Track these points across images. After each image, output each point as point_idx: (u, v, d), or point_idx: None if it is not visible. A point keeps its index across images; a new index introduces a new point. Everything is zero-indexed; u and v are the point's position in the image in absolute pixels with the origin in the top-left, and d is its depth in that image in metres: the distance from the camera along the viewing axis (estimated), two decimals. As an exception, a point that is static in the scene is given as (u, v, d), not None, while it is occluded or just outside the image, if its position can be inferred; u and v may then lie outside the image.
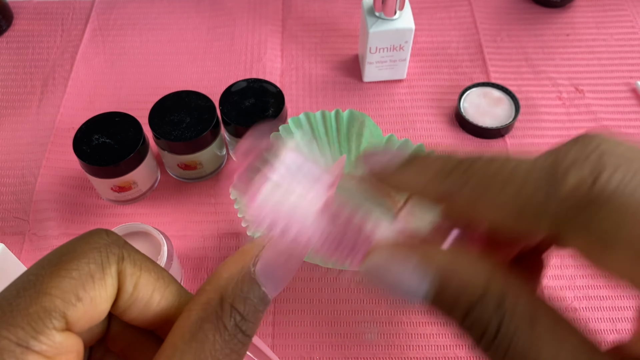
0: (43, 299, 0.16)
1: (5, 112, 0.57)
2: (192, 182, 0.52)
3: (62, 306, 0.16)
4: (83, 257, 0.17)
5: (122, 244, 0.19)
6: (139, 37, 0.63)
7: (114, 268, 0.18)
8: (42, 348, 0.16)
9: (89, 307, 0.17)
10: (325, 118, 0.48)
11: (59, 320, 0.16)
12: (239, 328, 0.17)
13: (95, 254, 0.18)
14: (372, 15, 0.54)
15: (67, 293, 0.17)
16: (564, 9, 0.65)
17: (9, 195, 0.51)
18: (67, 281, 0.17)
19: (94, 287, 0.17)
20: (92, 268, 0.17)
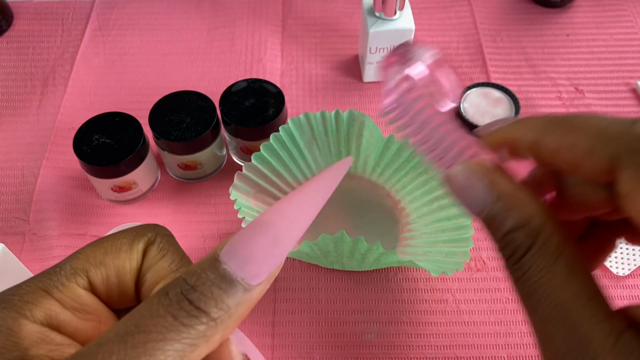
0: (73, 260, 0.19)
1: (5, 112, 0.57)
2: (192, 182, 0.52)
3: (86, 267, 0.19)
4: (120, 234, 0.20)
5: (162, 232, 0.20)
6: (139, 37, 0.64)
7: (141, 246, 0.20)
8: (60, 296, 0.18)
9: (111, 273, 0.19)
10: (325, 118, 0.48)
11: (82, 278, 0.19)
12: (184, 295, 0.16)
13: (131, 233, 0.20)
14: (372, 15, 0.54)
15: (93, 258, 0.19)
16: (564, 9, 0.65)
17: (9, 195, 0.51)
18: (97, 249, 0.19)
19: (119, 257, 0.19)
20: (122, 242, 0.20)
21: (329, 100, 0.58)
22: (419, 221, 0.46)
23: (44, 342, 0.17)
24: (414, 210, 0.47)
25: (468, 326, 0.44)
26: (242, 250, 0.17)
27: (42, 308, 0.18)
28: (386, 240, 0.47)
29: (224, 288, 0.17)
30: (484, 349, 0.43)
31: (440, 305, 0.45)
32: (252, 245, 0.17)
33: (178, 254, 0.20)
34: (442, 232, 0.44)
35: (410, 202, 0.48)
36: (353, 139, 0.49)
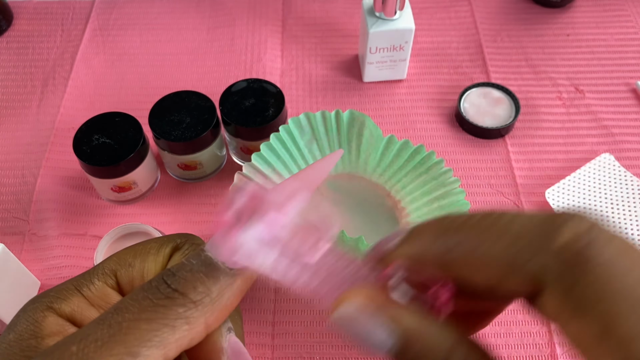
0: (107, 261, 0.21)
1: (5, 112, 0.57)
2: (192, 182, 0.52)
3: (115, 268, 0.20)
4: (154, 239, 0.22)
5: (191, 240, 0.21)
6: (139, 37, 0.63)
7: (168, 250, 0.21)
8: (89, 294, 0.20)
9: (137, 274, 0.20)
10: (325, 118, 0.48)
11: (111, 278, 0.20)
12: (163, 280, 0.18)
13: (161, 238, 0.22)
14: (372, 15, 0.54)
15: (124, 259, 0.21)
16: (564, 9, 0.65)
17: (9, 195, 0.51)
18: (129, 252, 0.21)
19: (146, 259, 0.21)
20: (152, 245, 0.21)
21: (329, 100, 0.58)
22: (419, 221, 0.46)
23: (61, 334, 0.18)
24: (414, 210, 0.47)
25: (468, 326, 0.44)
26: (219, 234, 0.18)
27: (70, 303, 0.19)
28: (386, 240, 0.47)
29: (204, 271, 0.18)
30: (484, 349, 0.43)
31: (440, 305, 0.45)
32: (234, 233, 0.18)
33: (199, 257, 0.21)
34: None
35: (410, 202, 0.48)
36: (353, 139, 0.49)
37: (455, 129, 0.56)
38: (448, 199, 0.45)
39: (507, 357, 0.43)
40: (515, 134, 0.55)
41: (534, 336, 0.43)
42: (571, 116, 0.56)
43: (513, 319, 0.44)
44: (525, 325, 0.44)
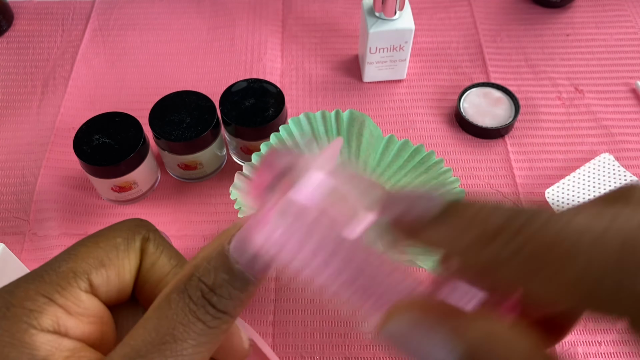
0: (72, 262, 0.19)
1: (5, 112, 0.57)
2: (192, 182, 0.52)
3: (87, 269, 0.19)
4: (113, 232, 0.20)
5: (151, 229, 0.20)
6: (139, 37, 0.64)
7: (138, 244, 0.20)
8: (64, 302, 0.18)
9: (112, 274, 0.19)
10: (325, 118, 0.48)
11: (83, 281, 0.18)
12: (206, 299, 0.17)
13: (124, 231, 0.20)
14: (372, 15, 0.54)
15: (93, 259, 0.19)
16: (564, 9, 0.65)
17: (9, 195, 0.51)
18: (95, 250, 0.19)
19: (117, 256, 0.19)
20: (119, 241, 0.20)
21: (329, 100, 0.58)
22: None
23: (59, 350, 0.17)
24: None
25: (468, 326, 0.44)
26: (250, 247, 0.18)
27: (49, 316, 0.17)
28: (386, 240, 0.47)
29: (239, 287, 0.18)
30: (484, 348, 0.43)
31: (440, 305, 0.45)
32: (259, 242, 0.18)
33: (171, 249, 0.21)
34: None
35: (410, 202, 0.48)
36: (353, 139, 0.49)
37: (455, 128, 0.56)
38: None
39: (507, 357, 0.43)
40: (515, 134, 0.55)
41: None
42: (571, 116, 0.56)
43: (513, 318, 0.44)
44: (525, 325, 0.44)
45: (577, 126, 0.56)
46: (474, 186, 0.52)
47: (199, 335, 0.17)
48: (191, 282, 0.17)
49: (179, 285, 0.17)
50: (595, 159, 0.52)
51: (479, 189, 0.52)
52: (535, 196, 0.51)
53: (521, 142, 0.55)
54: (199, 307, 0.17)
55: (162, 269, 0.20)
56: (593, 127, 0.55)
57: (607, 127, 0.55)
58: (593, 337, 0.43)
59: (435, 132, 0.56)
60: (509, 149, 0.54)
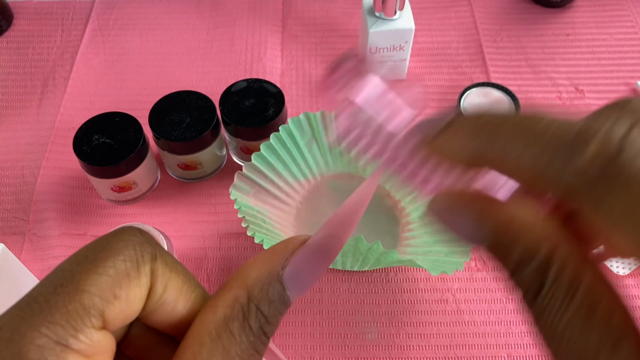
0: (82, 297, 0.16)
1: (5, 112, 0.57)
2: (192, 182, 0.52)
3: (100, 304, 0.16)
4: (119, 255, 0.17)
5: (155, 244, 0.18)
6: (139, 37, 0.63)
7: (148, 267, 0.18)
8: (81, 347, 0.16)
9: (124, 305, 0.17)
10: (325, 118, 0.48)
11: (97, 319, 0.16)
12: (262, 330, 0.17)
13: (131, 251, 0.17)
14: (372, 15, 0.54)
15: (104, 291, 0.16)
16: (564, 9, 0.65)
17: (9, 195, 0.51)
18: (105, 279, 0.16)
19: (129, 285, 0.17)
20: (128, 266, 0.17)
21: (329, 100, 0.58)
22: (419, 221, 0.46)
23: None
24: (414, 210, 0.47)
25: (468, 326, 0.44)
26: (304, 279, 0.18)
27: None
28: (386, 239, 0.47)
29: (283, 313, 0.18)
30: (484, 349, 0.43)
31: (440, 305, 0.45)
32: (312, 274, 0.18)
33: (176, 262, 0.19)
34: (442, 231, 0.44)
35: (410, 202, 0.48)
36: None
37: (455, 129, 0.56)
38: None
39: (507, 357, 0.43)
40: (515, 134, 0.55)
41: (534, 336, 0.43)
42: (571, 116, 0.56)
43: (513, 319, 0.44)
44: (525, 325, 0.44)
45: (577, 126, 0.56)
46: (474, 186, 0.52)
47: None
48: (250, 311, 0.17)
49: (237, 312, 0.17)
50: (595, 159, 0.52)
51: (479, 189, 0.52)
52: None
53: (521, 142, 0.54)
54: (256, 338, 0.17)
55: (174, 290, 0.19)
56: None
57: (607, 127, 0.55)
58: None
59: (435, 132, 0.55)
60: (509, 149, 0.54)
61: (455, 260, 0.41)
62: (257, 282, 0.17)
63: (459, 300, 0.45)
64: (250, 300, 0.17)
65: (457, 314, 0.45)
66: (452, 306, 0.45)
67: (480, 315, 0.44)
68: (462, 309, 0.45)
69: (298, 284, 0.18)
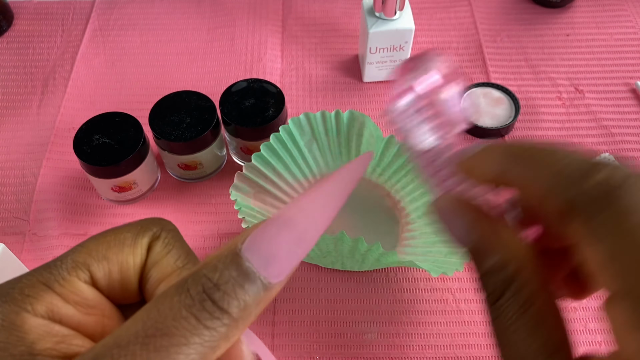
0: (75, 253, 0.19)
1: (5, 112, 0.57)
2: (192, 182, 0.52)
3: (88, 261, 0.18)
4: (124, 228, 0.20)
5: (168, 229, 0.20)
6: (139, 37, 0.64)
7: (146, 241, 0.19)
8: (62, 291, 0.18)
9: (114, 268, 0.19)
10: (325, 118, 0.48)
11: (83, 272, 0.18)
12: (207, 294, 0.16)
13: (135, 226, 0.20)
14: (372, 15, 0.54)
15: (96, 251, 0.19)
16: (564, 9, 0.65)
17: (9, 195, 0.51)
18: (100, 243, 0.19)
19: (122, 251, 0.19)
20: (126, 236, 0.19)
21: (329, 100, 0.58)
22: (419, 221, 0.46)
23: (49, 335, 0.17)
24: (414, 210, 0.47)
25: (468, 326, 0.44)
26: (265, 248, 0.17)
27: (44, 302, 0.17)
28: (386, 240, 0.47)
29: (247, 287, 0.16)
30: (484, 349, 0.43)
31: (440, 305, 0.45)
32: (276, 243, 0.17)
33: (184, 250, 0.20)
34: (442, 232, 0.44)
35: (410, 202, 0.48)
36: (353, 139, 0.49)
37: (455, 129, 0.56)
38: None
39: (507, 357, 0.43)
40: (515, 134, 0.55)
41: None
42: (571, 116, 0.56)
43: (513, 318, 0.44)
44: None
45: (577, 126, 0.56)
46: (474, 186, 0.52)
47: (192, 334, 0.15)
48: (194, 276, 0.16)
49: (181, 280, 0.16)
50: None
51: (479, 189, 0.52)
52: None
53: (521, 142, 0.54)
54: (196, 302, 0.16)
55: (165, 269, 0.19)
56: (593, 127, 0.55)
57: (607, 127, 0.55)
58: (593, 337, 0.43)
59: (435, 132, 0.55)
60: (509, 149, 0.54)
61: (455, 261, 0.41)
62: (214, 257, 0.17)
63: (459, 300, 0.45)
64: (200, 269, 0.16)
65: (457, 314, 0.45)
66: (452, 306, 0.45)
67: (480, 315, 0.44)
68: (462, 309, 0.45)
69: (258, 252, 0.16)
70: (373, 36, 0.53)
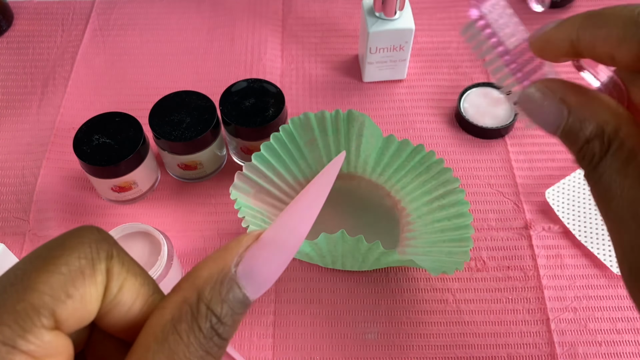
0: (31, 295, 0.15)
1: (5, 112, 0.57)
2: (192, 182, 0.52)
3: (51, 303, 0.15)
4: (73, 252, 0.16)
5: (112, 242, 0.18)
6: (139, 37, 0.64)
7: (104, 265, 0.17)
8: (29, 348, 0.15)
9: (79, 305, 0.16)
10: (325, 118, 0.48)
11: (47, 318, 0.15)
12: (214, 331, 0.16)
13: (86, 248, 0.17)
14: (372, 15, 0.54)
15: (56, 289, 0.16)
16: (564, 9, 0.65)
17: (9, 195, 0.51)
18: (56, 277, 0.16)
19: (84, 283, 0.16)
20: (83, 263, 0.16)
21: (329, 100, 0.58)
22: (419, 221, 0.46)
23: None
24: (414, 210, 0.47)
25: (468, 326, 0.44)
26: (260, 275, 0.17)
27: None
28: (386, 240, 0.47)
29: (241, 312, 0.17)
30: (484, 349, 0.43)
31: (440, 305, 0.45)
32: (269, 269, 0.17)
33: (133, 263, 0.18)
34: (442, 232, 0.44)
35: (410, 202, 0.48)
36: (353, 139, 0.49)
37: (455, 129, 0.56)
38: (448, 198, 0.45)
39: (507, 357, 0.43)
40: (515, 134, 0.55)
41: (533, 336, 0.43)
42: (571, 116, 0.56)
43: (513, 318, 0.44)
44: (525, 325, 0.44)
45: (577, 126, 0.56)
46: (474, 186, 0.52)
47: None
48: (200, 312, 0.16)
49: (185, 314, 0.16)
50: (595, 159, 0.52)
51: (479, 189, 0.52)
52: (536, 196, 0.51)
53: (521, 142, 0.54)
54: (208, 340, 0.16)
55: (131, 292, 0.18)
56: (593, 127, 0.55)
57: (607, 127, 0.55)
58: (593, 337, 0.43)
59: (435, 132, 0.56)
60: (509, 149, 0.54)
61: (455, 261, 0.41)
62: (208, 281, 0.17)
63: (459, 300, 0.45)
64: (201, 300, 0.16)
65: (457, 314, 0.45)
66: (452, 306, 0.45)
67: (480, 315, 0.44)
68: (462, 309, 0.45)
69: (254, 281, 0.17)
70: (373, 36, 0.53)
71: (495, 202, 0.51)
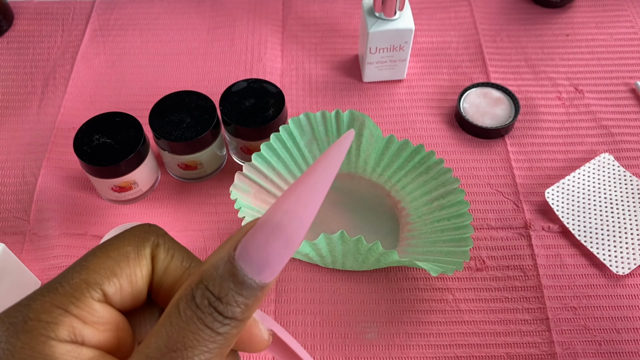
0: (84, 274, 0.19)
1: (5, 112, 0.57)
2: (192, 182, 0.52)
3: (99, 280, 0.19)
4: (124, 241, 0.20)
5: (161, 234, 0.21)
6: (140, 37, 0.64)
7: (148, 251, 0.20)
8: (79, 312, 0.18)
9: (125, 282, 0.20)
10: (325, 118, 0.48)
11: (97, 292, 0.19)
12: (213, 307, 0.18)
13: (134, 239, 0.20)
14: (372, 15, 0.54)
15: (105, 269, 0.19)
16: (564, 9, 0.65)
17: (10, 195, 0.51)
18: (106, 259, 0.20)
19: (128, 265, 0.20)
20: (128, 250, 0.20)
21: (329, 100, 0.58)
22: (419, 221, 0.46)
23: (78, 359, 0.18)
24: (414, 210, 0.47)
25: (468, 326, 0.44)
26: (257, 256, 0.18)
27: (65, 327, 0.18)
28: (386, 240, 0.47)
29: (245, 293, 0.18)
30: (484, 348, 0.43)
31: (440, 305, 0.45)
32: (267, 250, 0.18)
33: (183, 250, 0.21)
34: (442, 232, 0.44)
35: (410, 202, 0.48)
36: (353, 139, 0.49)
37: (455, 129, 0.56)
38: (448, 198, 0.45)
39: (507, 357, 0.43)
40: (515, 134, 0.55)
41: (534, 336, 0.44)
42: (571, 116, 0.56)
43: (513, 318, 0.44)
44: (525, 325, 0.44)
45: (577, 126, 0.56)
46: (474, 186, 0.52)
47: (209, 342, 0.18)
48: (198, 290, 0.18)
49: (187, 293, 0.18)
50: (595, 159, 0.52)
51: (479, 189, 0.52)
52: (535, 196, 0.51)
53: (521, 142, 0.55)
54: (207, 315, 0.18)
55: (175, 273, 0.21)
56: (593, 127, 0.56)
57: (607, 127, 0.55)
58: (593, 337, 0.43)
59: (435, 132, 0.56)
60: (509, 149, 0.54)
61: (455, 261, 0.41)
62: (211, 265, 0.18)
63: (459, 300, 0.45)
64: (201, 281, 0.18)
65: (457, 313, 0.45)
66: (452, 306, 0.45)
67: (480, 315, 0.44)
68: (462, 308, 0.45)
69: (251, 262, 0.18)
70: (373, 36, 0.53)
71: (494, 202, 0.51)
